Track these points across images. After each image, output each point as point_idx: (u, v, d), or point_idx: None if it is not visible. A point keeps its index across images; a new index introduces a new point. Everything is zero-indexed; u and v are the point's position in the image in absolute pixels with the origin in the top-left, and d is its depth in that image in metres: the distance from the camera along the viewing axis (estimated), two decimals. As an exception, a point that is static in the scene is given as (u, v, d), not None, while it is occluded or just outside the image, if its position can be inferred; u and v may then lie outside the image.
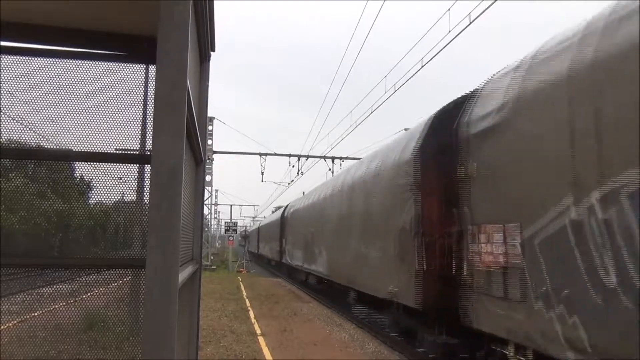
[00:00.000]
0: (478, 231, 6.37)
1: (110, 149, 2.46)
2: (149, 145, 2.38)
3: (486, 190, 6.27)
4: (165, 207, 1.55)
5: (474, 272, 6.42)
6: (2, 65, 2.43)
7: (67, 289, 2.57)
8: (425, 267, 7.60)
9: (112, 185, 2.46)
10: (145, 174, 2.51)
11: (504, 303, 5.73)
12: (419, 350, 8.90)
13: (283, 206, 32.18)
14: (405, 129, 9.53)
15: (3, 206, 2.43)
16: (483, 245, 6.23)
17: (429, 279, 7.53)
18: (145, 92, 2.56)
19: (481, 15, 9.42)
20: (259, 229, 47.80)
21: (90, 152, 2.45)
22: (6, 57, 2.45)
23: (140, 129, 2.53)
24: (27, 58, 2.50)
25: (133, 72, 2.55)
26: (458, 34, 10.32)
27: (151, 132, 1.65)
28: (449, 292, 6.99)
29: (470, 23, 9.84)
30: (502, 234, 5.82)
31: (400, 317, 9.50)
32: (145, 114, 2.53)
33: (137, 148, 2.54)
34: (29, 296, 2.55)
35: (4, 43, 2.47)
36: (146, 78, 2.58)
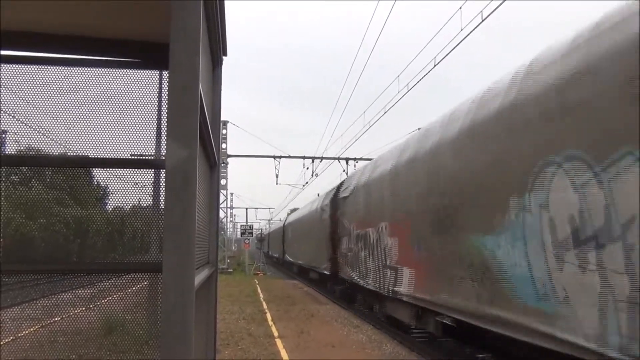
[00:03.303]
0: (341, 238, 15.44)
1: (126, 154, 2.49)
2: (164, 151, 2.40)
3: (342, 221, 15.38)
4: (179, 211, 1.56)
5: (341, 254, 15.49)
6: (21, 75, 2.47)
7: (86, 294, 2.60)
8: (332, 255, 16.52)
9: (128, 191, 2.48)
10: (161, 179, 2.53)
11: (345, 266, 14.72)
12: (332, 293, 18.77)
13: (296, 209, 38.38)
14: (419, 129, 9.68)
15: (23, 214, 2.48)
16: (343, 244, 15.12)
17: (334, 260, 16.45)
18: (160, 97, 2.58)
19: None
20: (269, 234, 60.21)
21: (106, 158, 2.47)
22: (24, 66, 2.50)
23: (155, 134, 2.55)
24: (43, 67, 2.53)
25: (147, 79, 2.57)
26: (470, 32, 10.29)
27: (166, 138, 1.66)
28: (338, 265, 15.92)
29: (483, 21, 9.79)
30: (347, 239, 14.53)
31: (328, 281, 19.04)
32: (160, 120, 2.55)
33: (153, 153, 2.56)
34: (49, 302, 2.59)
35: (22, 53, 2.52)
36: (160, 84, 2.60)
